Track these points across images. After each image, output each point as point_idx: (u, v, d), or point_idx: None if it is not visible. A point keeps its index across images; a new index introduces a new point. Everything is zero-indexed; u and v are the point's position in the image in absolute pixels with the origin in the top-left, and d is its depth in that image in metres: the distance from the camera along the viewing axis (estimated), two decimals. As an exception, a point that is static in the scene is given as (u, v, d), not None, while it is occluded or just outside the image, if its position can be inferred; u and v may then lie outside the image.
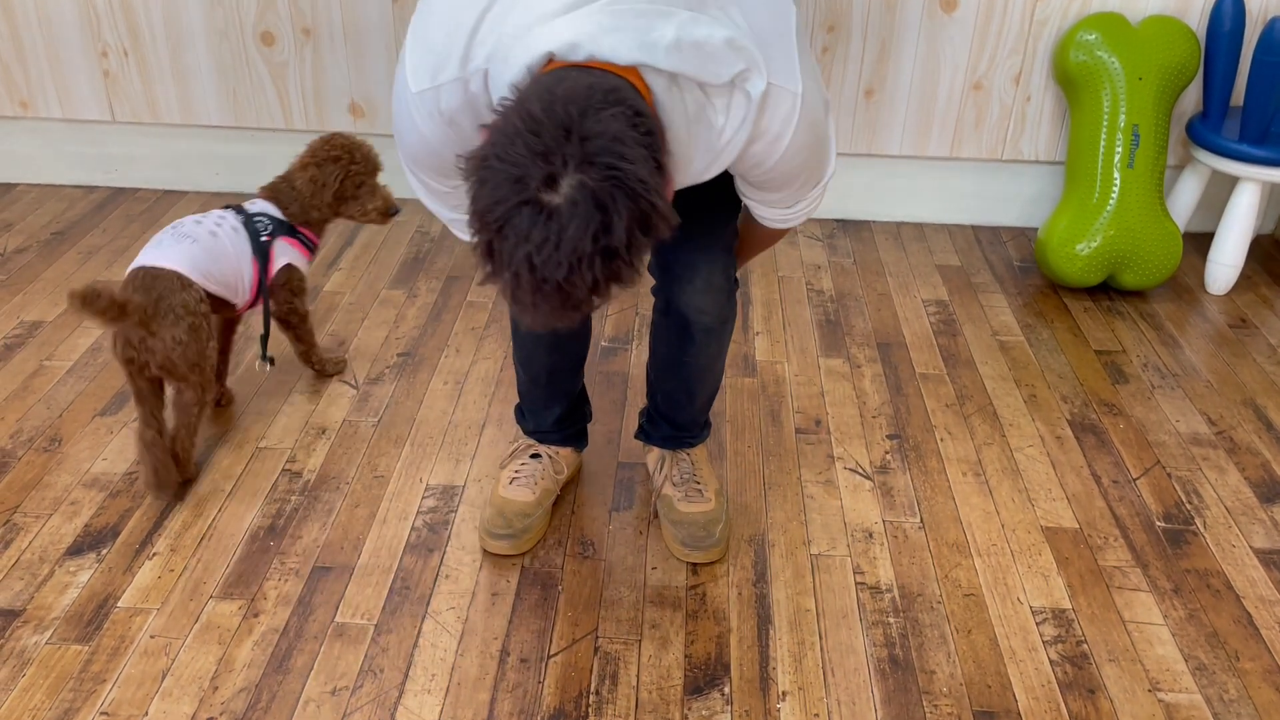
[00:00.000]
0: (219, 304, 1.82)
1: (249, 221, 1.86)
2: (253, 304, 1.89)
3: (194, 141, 2.81)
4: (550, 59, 1.12)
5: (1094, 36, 2.42)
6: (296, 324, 1.98)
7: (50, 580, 1.60)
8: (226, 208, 1.88)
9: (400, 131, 1.30)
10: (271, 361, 1.99)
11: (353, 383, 2.08)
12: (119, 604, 1.57)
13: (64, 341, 2.18)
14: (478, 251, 1.04)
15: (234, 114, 2.75)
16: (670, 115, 1.14)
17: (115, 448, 1.88)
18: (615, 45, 1.10)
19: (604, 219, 0.99)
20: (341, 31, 2.63)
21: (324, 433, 1.94)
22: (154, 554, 1.66)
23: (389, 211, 1.98)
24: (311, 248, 1.96)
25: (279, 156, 2.81)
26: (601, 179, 0.99)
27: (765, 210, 1.43)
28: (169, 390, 1.76)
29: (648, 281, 1.65)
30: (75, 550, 1.66)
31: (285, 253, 1.89)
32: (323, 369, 2.08)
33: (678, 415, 1.73)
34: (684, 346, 1.61)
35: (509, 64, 1.14)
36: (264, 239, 1.86)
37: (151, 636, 1.51)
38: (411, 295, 2.39)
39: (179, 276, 1.71)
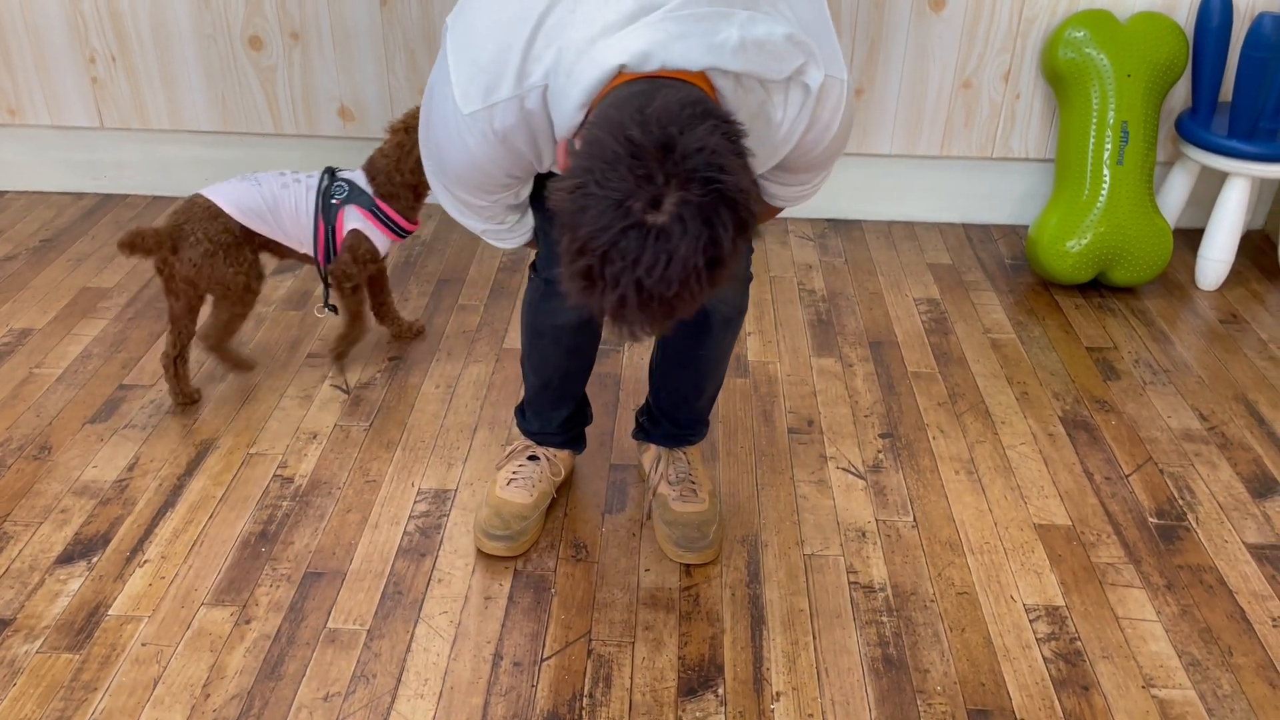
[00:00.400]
0: (274, 246, 1.99)
1: (330, 185, 1.96)
2: (327, 260, 2.01)
3: (183, 147, 2.80)
4: (620, 71, 1.11)
5: (1082, 34, 2.42)
6: (347, 292, 2.02)
7: (40, 589, 1.60)
8: (324, 170, 2.00)
9: (443, 151, 1.29)
10: (334, 310, 2.07)
11: (343, 387, 2.08)
12: (110, 612, 1.56)
13: (53, 349, 2.17)
14: (576, 276, 1.03)
15: (223, 119, 2.74)
16: (738, 116, 1.14)
17: (105, 455, 1.87)
18: (685, 52, 1.10)
19: (711, 234, 1.00)
20: (330, 35, 2.62)
21: (315, 438, 1.93)
22: (145, 561, 1.65)
23: None
24: (391, 225, 1.99)
25: (268, 161, 2.81)
26: (704, 194, 0.99)
27: (783, 190, 1.43)
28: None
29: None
30: (65, 559, 1.65)
31: (354, 219, 1.97)
32: (337, 350, 2.09)
33: (681, 413, 1.73)
34: (700, 339, 1.61)
35: (574, 79, 1.13)
36: (334, 202, 1.95)
37: (143, 644, 1.51)
38: (402, 299, 2.39)
39: (209, 207, 1.89)
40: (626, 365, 2.15)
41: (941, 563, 1.68)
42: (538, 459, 1.75)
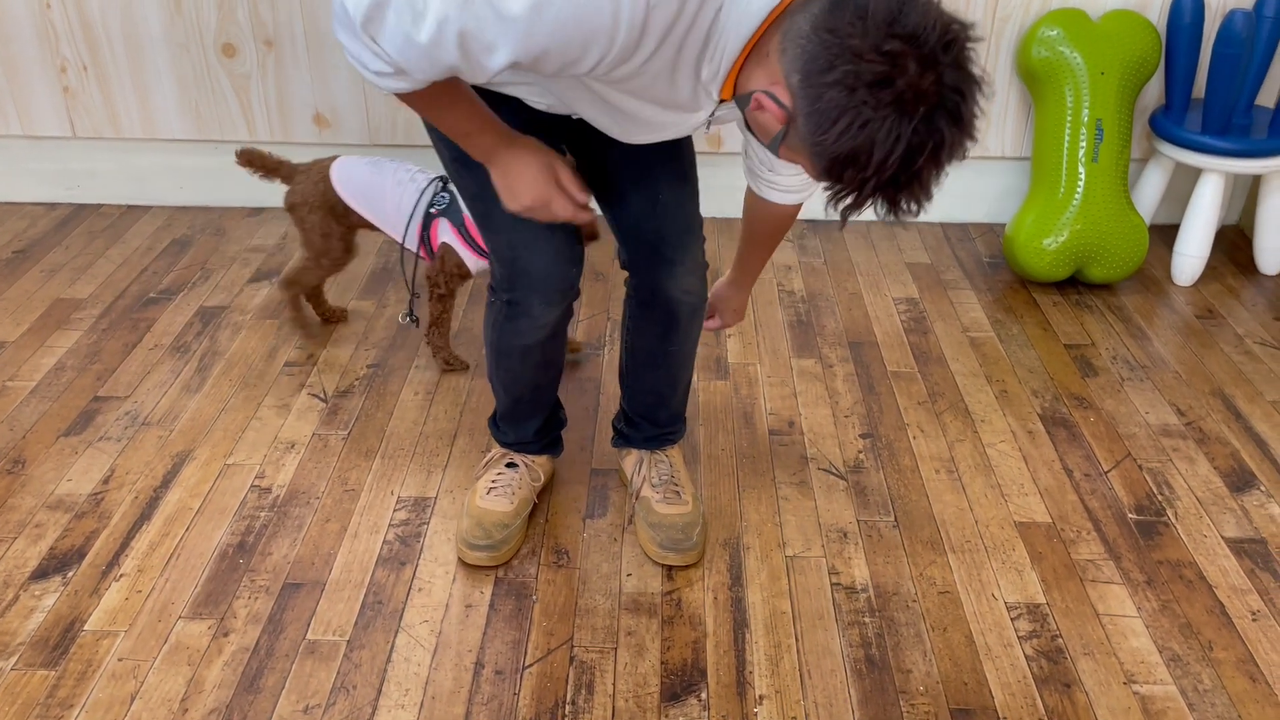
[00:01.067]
0: (367, 223, 2.07)
1: (435, 195, 2.01)
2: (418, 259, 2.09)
3: (156, 155, 2.78)
4: None
5: (1055, 32, 2.43)
6: (433, 299, 2.07)
7: (15, 605, 1.58)
8: (437, 176, 2.05)
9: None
10: (415, 321, 2.14)
11: (321, 395, 2.06)
12: (86, 627, 1.54)
13: (27, 361, 2.15)
14: (862, 195, 1.02)
15: (197, 127, 2.72)
16: None
17: (80, 468, 1.85)
18: None
19: (978, 75, 1.01)
20: (304, 42, 2.60)
21: (293, 447, 1.92)
22: (121, 575, 1.63)
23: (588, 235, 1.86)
24: (475, 245, 1.99)
25: (243, 170, 2.78)
26: (960, 49, 0.99)
27: (784, 179, 1.43)
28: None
29: (617, 288, 1.65)
30: (40, 574, 1.63)
31: (444, 233, 2.00)
32: (435, 353, 2.13)
33: (660, 412, 1.73)
34: (669, 334, 1.63)
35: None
36: (432, 211, 2.00)
37: (119, 659, 1.49)
38: (381, 305, 2.38)
39: (325, 173, 2.04)
40: (607, 369, 2.15)
41: (923, 562, 1.68)
42: (516, 466, 1.74)
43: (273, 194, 2.83)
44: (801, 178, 1.45)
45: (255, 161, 2.11)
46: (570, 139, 1.49)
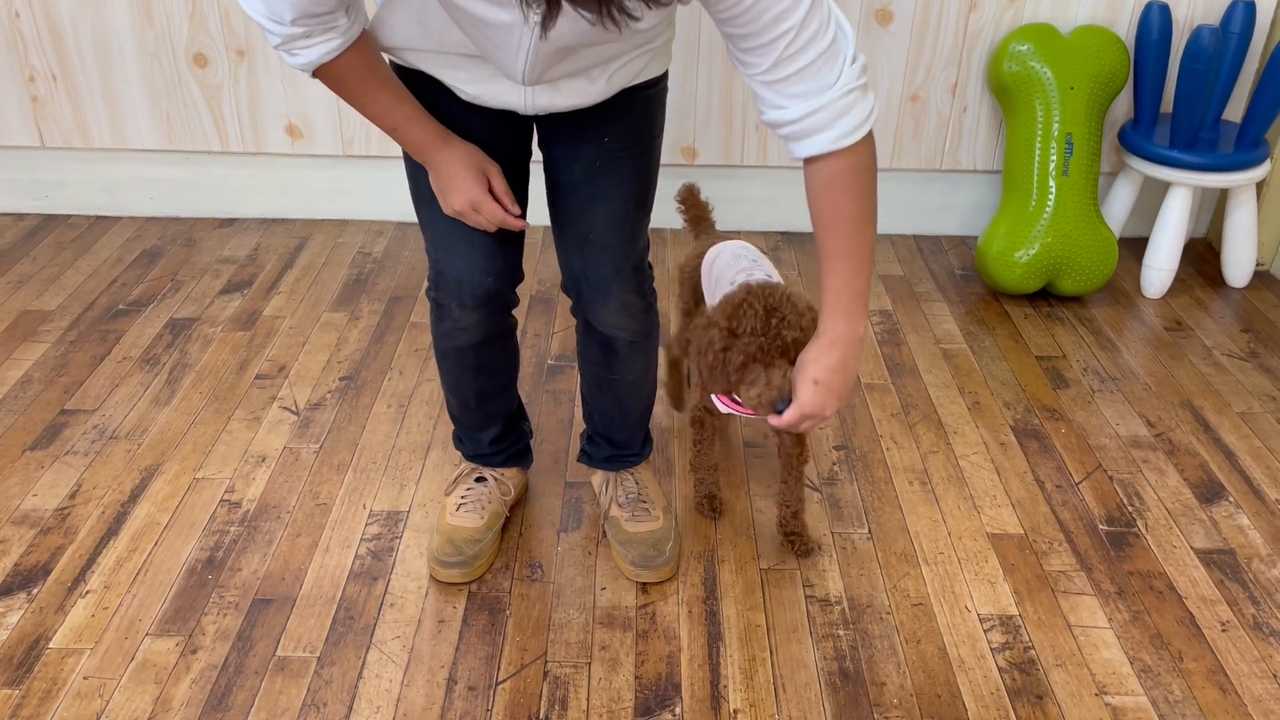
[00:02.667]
0: None
1: None
2: None
3: (126, 166, 2.76)
4: None
5: (1026, 47, 2.46)
6: (690, 422, 1.79)
7: (-22, 623, 1.55)
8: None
9: None
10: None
11: (293, 408, 2.04)
12: (50, 645, 1.51)
13: (-8, 374, 2.12)
14: None
15: (167, 137, 2.70)
16: None
17: (46, 483, 1.83)
18: None
19: None
20: (276, 52, 2.59)
21: (264, 461, 1.90)
22: (87, 592, 1.61)
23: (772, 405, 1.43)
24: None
25: (214, 179, 2.77)
26: None
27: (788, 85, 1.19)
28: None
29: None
30: (4, 590, 1.61)
31: None
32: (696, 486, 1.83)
33: (615, 433, 1.72)
34: (609, 364, 1.61)
35: None
36: None
37: (85, 678, 1.47)
38: (354, 317, 2.36)
39: (706, 248, 1.80)
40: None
41: (897, 574, 1.68)
42: (485, 480, 1.73)
43: (244, 205, 2.81)
44: (802, 86, 1.18)
45: (692, 204, 1.92)
46: (520, 167, 1.48)
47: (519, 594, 1.63)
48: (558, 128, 1.43)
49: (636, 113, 1.42)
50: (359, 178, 2.77)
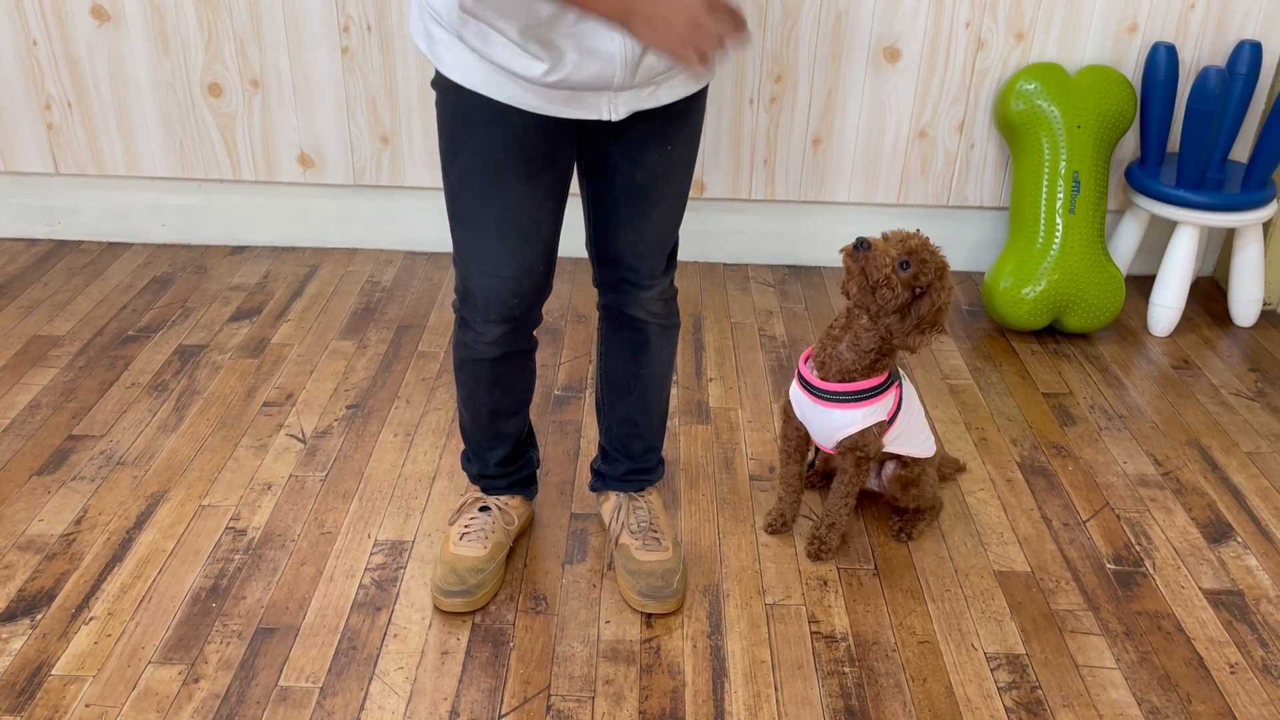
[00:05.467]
0: None
1: None
2: None
3: (139, 193, 2.78)
4: None
5: (1033, 86, 2.48)
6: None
7: (-20, 648, 1.55)
8: None
9: None
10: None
11: (300, 436, 2.05)
12: (53, 671, 1.51)
13: (1, 398, 2.12)
14: None
15: (181, 165, 2.72)
16: None
17: (52, 508, 1.83)
18: None
19: None
20: (290, 83, 2.62)
21: (269, 488, 1.90)
22: (90, 618, 1.60)
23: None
24: None
25: (226, 207, 2.79)
26: None
27: None
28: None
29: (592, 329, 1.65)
30: (8, 616, 1.60)
31: None
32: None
33: (634, 444, 1.73)
34: (639, 357, 1.66)
35: None
36: None
37: (87, 705, 1.46)
38: (361, 346, 2.37)
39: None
40: (587, 412, 2.14)
41: (903, 611, 1.67)
42: (489, 510, 1.73)
43: (255, 233, 2.83)
44: None
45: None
46: (582, 167, 1.52)
47: (523, 626, 1.62)
48: (624, 134, 1.44)
49: (692, 120, 1.49)
50: (369, 207, 2.79)
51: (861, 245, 1.56)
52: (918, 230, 1.60)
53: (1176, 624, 1.66)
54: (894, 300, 1.56)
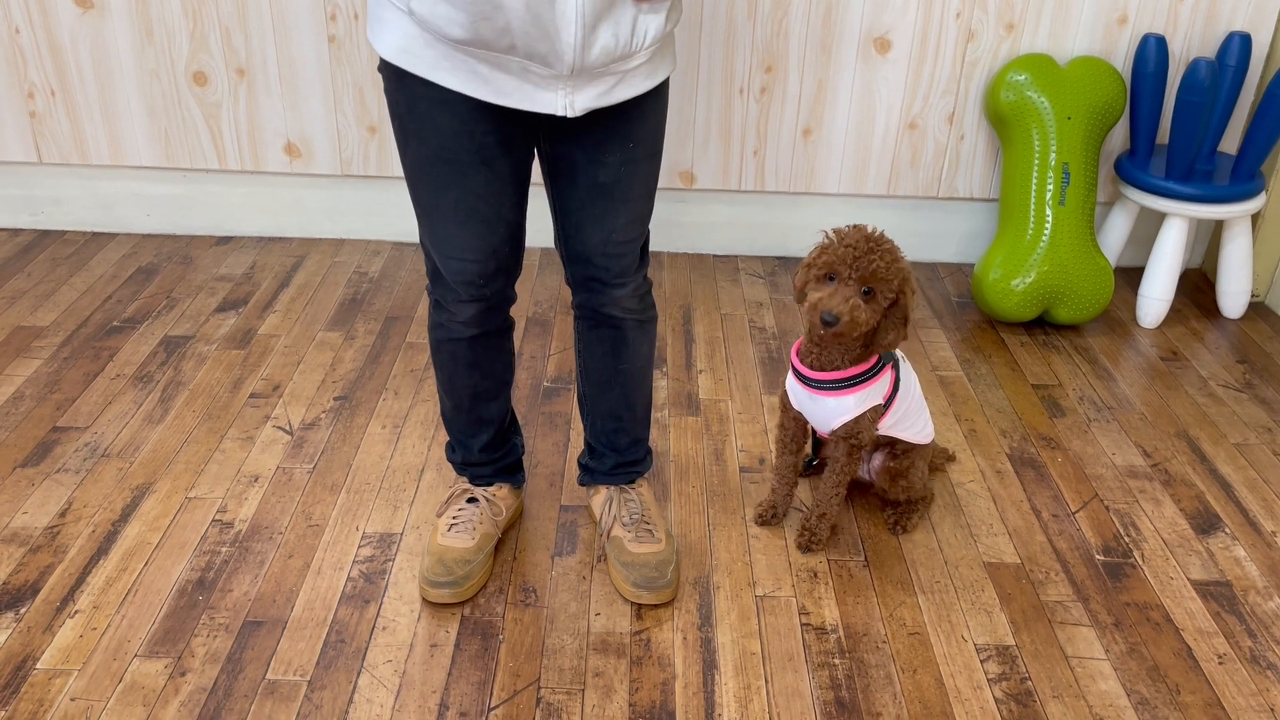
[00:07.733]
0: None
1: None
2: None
3: (124, 182, 2.75)
4: None
5: (1023, 77, 2.47)
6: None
7: (-36, 642, 1.53)
8: None
9: None
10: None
11: (287, 428, 2.03)
12: (38, 665, 1.50)
13: (-16, 390, 2.11)
14: None
15: (165, 154, 2.70)
16: None
17: (36, 500, 1.81)
18: None
19: None
20: (277, 71, 2.59)
21: (256, 480, 1.88)
22: (75, 612, 1.59)
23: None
24: None
25: (212, 197, 2.77)
26: None
27: None
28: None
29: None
30: (-9, 610, 1.59)
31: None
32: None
33: (620, 437, 1.72)
34: (618, 352, 1.64)
35: None
36: None
37: (72, 699, 1.45)
38: (349, 337, 2.35)
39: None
40: (576, 404, 2.13)
41: (893, 602, 1.67)
42: (476, 501, 1.72)
43: (241, 224, 2.80)
44: None
45: None
46: (545, 167, 1.50)
47: (512, 618, 1.61)
48: (583, 134, 1.43)
49: (653, 118, 1.47)
50: (356, 198, 2.77)
51: (830, 323, 1.52)
52: (873, 229, 1.56)
53: (1165, 615, 1.67)
54: (868, 325, 1.56)
